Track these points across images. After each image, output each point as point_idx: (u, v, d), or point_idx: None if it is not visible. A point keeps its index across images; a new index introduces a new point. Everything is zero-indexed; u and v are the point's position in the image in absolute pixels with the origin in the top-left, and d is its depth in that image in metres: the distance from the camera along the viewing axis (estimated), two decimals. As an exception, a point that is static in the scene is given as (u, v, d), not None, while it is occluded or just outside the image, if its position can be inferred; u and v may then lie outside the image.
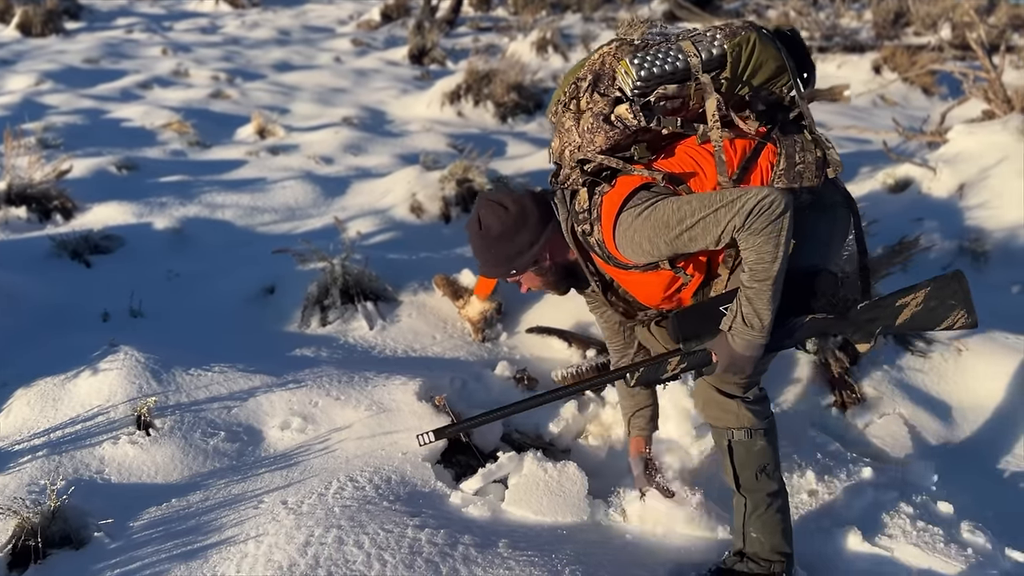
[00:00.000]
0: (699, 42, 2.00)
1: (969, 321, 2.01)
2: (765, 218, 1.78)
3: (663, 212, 1.88)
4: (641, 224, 1.91)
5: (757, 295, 1.85)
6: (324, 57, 11.30)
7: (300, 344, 3.48)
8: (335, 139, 6.93)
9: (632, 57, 1.97)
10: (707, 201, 1.84)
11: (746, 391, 2.17)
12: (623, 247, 1.97)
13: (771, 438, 2.21)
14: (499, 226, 2.10)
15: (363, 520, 2.29)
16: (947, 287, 2.01)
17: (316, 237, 4.36)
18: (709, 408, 2.21)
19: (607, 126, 1.98)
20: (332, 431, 2.81)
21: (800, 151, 2.01)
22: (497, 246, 2.12)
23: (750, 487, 2.20)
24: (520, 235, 2.10)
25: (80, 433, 2.68)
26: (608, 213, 1.97)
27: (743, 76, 1.99)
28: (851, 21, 13.95)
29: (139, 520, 2.37)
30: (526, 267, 2.14)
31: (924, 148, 6.05)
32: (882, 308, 2.04)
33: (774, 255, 1.81)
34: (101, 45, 11.32)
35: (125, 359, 3.02)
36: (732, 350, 1.93)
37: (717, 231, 1.83)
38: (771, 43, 2.01)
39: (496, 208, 2.11)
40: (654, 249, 1.92)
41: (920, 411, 3.13)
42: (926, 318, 2.02)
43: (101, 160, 5.92)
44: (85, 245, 4.33)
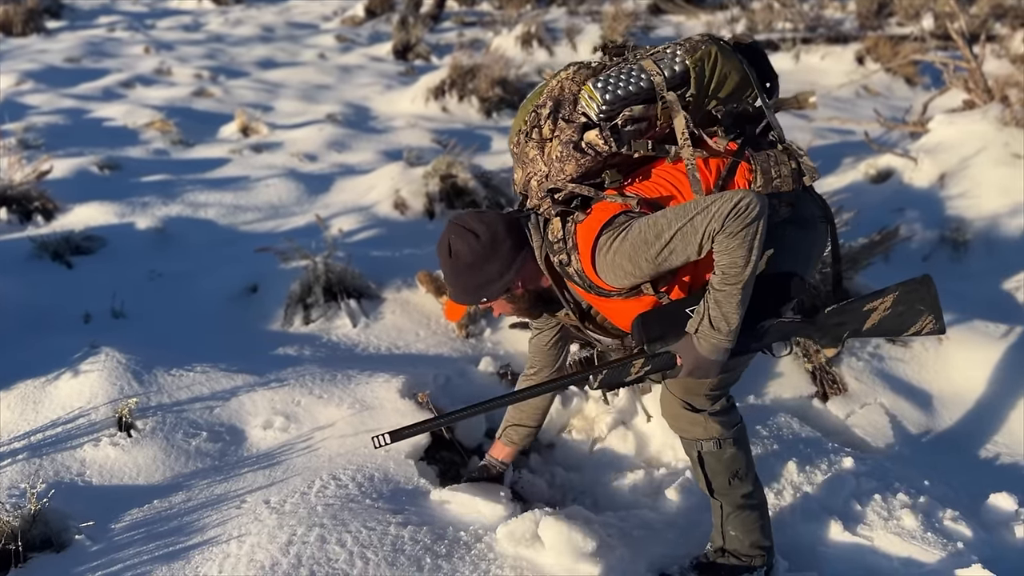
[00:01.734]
0: (660, 60, 1.98)
1: (936, 327, 2.02)
2: (740, 221, 1.75)
3: (640, 230, 1.84)
4: (619, 246, 1.86)
5: (726, 298, 1.82)
6: (308, 54, 11.24)
7: (283, 343, 3.47)
8: (319, 136, 6.90)
9: (595, 81, 1.95)
10: (682, 211, 1.81)
11: (713, 403, 2.15)
12: (604, 273, 1.91)
13: (741, 444, 2.20)
14: (469, 255, 2.00)
15: (346, 518, 2.29)
16: (915, 292, 2.02)
17: (299, 235, 4.34)
18: (676, 421, 2.20)
19: (578, 154, 1.93)
20: (315, 430, 2.81)
21: (775, 164, 1.98)
22: (467, 275, 2.03)
23: (724, 492, 2.21)
24: (491, 264, 2.01)
25: (61, 435, 2.67)
26: (585, 241, 1.92)
27: (708, 91, 1.97)
28: (835, 12, 13.97)
29: (121, 522, 2.36)
30: (497, 295, 2.06)
31: (906, 138, 6.08)
32: (850, 313, 2.05)
33: (747, 259, 1.78)
34: (83, 44, 11.22)
35: (106, 360, 3.00)
36: (697, 353, 1.90)
37: (696, 240, 1.79)
38: (732, 55, 1.99)
39: (467, 235, 2.00)
40: (636, 269, 1.87)
41: (901, 400, 3.15)
42: (894, 323, 2.04)
43: (83, 160, 5.88)
44: (66, 246, 4.30)
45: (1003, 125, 5.02)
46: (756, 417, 2.93)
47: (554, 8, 15.25)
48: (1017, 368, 3.23)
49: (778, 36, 11.71)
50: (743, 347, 1.96)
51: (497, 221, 2.03)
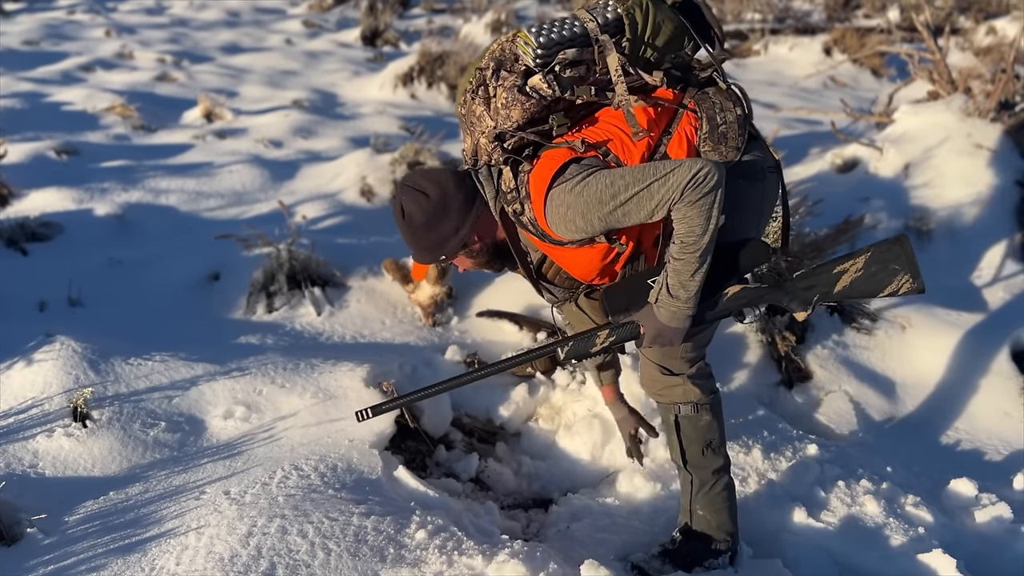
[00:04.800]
0: (593, 9, 1.96)
1: (915, 286, 1.96)
2: (699, 191, 1.77)
3: (596, 187, 1.84)
4: (574, 200, 1.86)
5: (685, 266, 1.83)
6: (275, 39, 11.07)
7: (245, 331, 3.41)
8: (285, 122, 6.79)
9: (530, 28, 1.94)
10: (640, 175, 1.82)
11: (692, 366, 2.17)
12: (555, 224, 1.92)
13: (717, 413, 2.23)
14: (422, 215, 2.00)
15: (307, 509, 2.25)
16: (889, 252, 1.97)
17: (263, 222, 4.27)
18: (655, 385, 2.22)
19: (523, 97, 1.93)
20: (277, 419, 2.76)
21: (720, 111, 1.99)
22: (423, 235, 2.03)
23: (696, 463, 2.22)
24: (445, 222, 2.01)
25: (13, 426, 2.59)
26: (538, 191, 1.92)
27: (643, 37, 1.95)
28: (803, 3, 14.06)
29: (75, 514, 2.30)
30: (455, 251, 2.07)
31: (872, 128, 6.13)
32: (819, 275, 2.02)
33: (704, 227, 1.79)
34: (41, 27, 10.94)
35: (61, 349, 2.92)
36: (658, 322, 1.92)
37: (651, 205, 1.81)
38: (665, 6, 1.99)
39: (417, 196, 2.00)
40: (588, 225, 1.88)
41: (865, 388, 3.17)
42: (867, 284, 1.98)
43: (39, 145, 5.73)
44: (21, 232, 4.18)
45: (966, 116, 5.07)
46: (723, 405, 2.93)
47: (524, -5, 15.17)
48: (977, 355, 3.27)
49: (747, 27, 11.77)
50: (713, 315, 1.97)
51: (446, 178, 2.03)
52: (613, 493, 2.55)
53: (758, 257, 1.99)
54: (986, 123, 4.95)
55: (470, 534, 2.24)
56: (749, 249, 1.98)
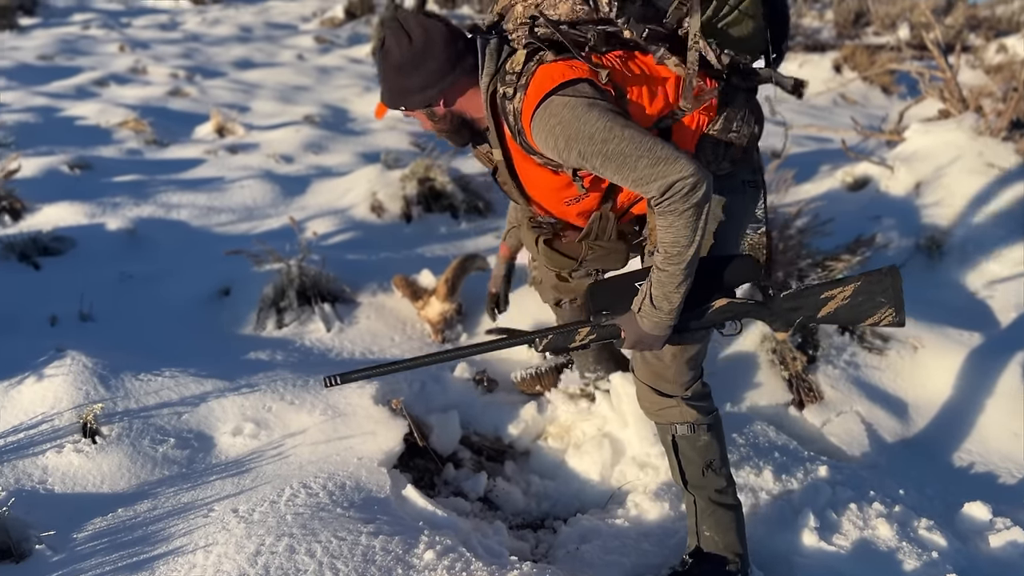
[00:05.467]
0: None
1: (896, 320, 1.99)
2: (685, 200, 1.73)
3: (593, 121, 1.75)
4: (568, 119, 1.76)
5: (669, 278, 1.81)
6: (286, 54, 11.15)
7: (255, 347, 3.41)
8: (296, 137, 6.83)
9: None
10: (638, 142, 1.74)
11: (686, 388, 2.16)
12: (537, 130, 1.82)
13: (716, 433, 2.20)
14: (397, 57, 1.90)
15: (316, 528, 2.25)
16: (879, 283, 1.98)
17: (274, 237, 4.28)
18: (651, 406, 2.21)
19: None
20: (286, 436, 2.76)
21: (739, 121, 1.97)
22: (392, 77, 1.94)
23: (697, 483, 2.20)
24: (415, 73, 1.91)
25: (23, 442, 2.60)
26: (539, 87, 1.81)
27: (722, 18, 1.87)
28: (813, 21, 14.10)
29: (83, 531, 2.30)
30: (416, 107, 1.97)
31: (883, 147, 6.12)
32: (806, 298, 2.03)
33: (690, 239, 1.76)
34: (56, 41, 11.04)
35: (72, 364, 2.93)
36: (638, 329, 1.91)
37: (629, 174, 1.76)
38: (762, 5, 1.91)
39: (400, 36, 1.89)
40: (565, 150, 1.80)
41: (877, 408, 3.15)
42: (851, 313, 2.00)
43: (53, 159, 5.77)
44: (34, 247, 4.20)
45: (977, 135, 5.06)
46: (732, 425, 2.92)
47: (534, 12, 15.25)
48: (990, 376, 3.25)
49: (757, 44, 11.78)
50: (694, 323, 1.98)
51: (439, 30, 1.91)
52: (623, 514, 2.53)
53: (747, 273, 2.00)
54: (998, 142, 4.94)
55: (479, 555, 2.23)
56: (739, 264, 1.99)
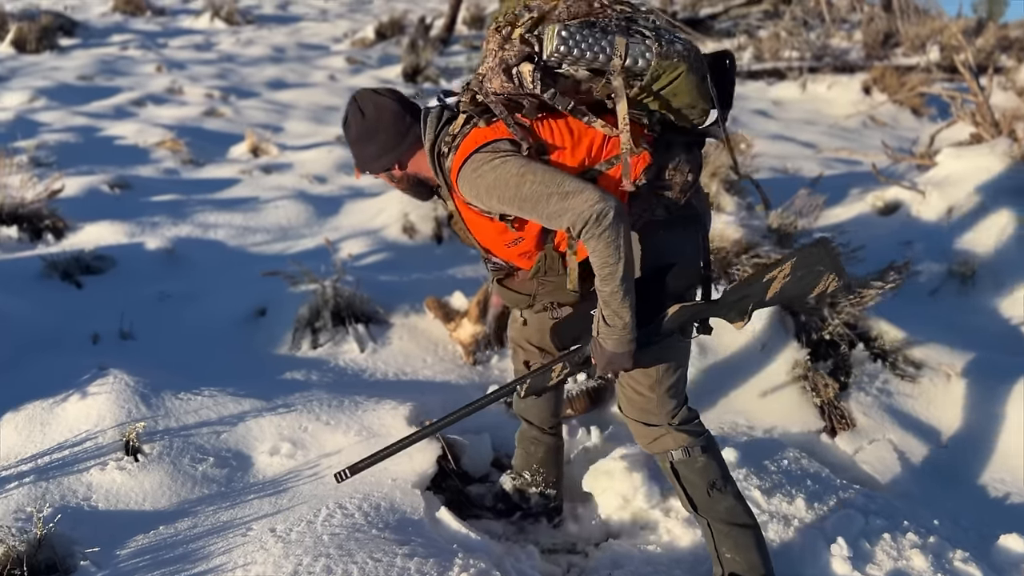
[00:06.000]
0: (634, 44, 1.92)
1: (841, 283, 2.05)
2: (597, 226, 1.86)
3: (508, 170, 1.94)
4: (487, 171, 1.97)
5: (611, 296, 1.93)
6: (318, 75, 11.32)
7: (291, 367, 3.48)
8: (328, 158, 6.94)
9: (563, 28, 1.90)
10: (548, 182, 1.91)
11: (672, 416, 2.21)
12: (462, 184, 2.03)
13: (712, 454, 2.24)
14: (355, 130, 2.18)
15: (352, 548, 2.28)
16: (814, 255, 2.05)
17: (308, 258, 4.36)
18: (645, 439, 2.26)
19: (504, 76, 1.99)
20: (322, 456, 2.80)
21: (671, 169, 2.06)
22: (353, 147, 2.23)
23: (705, 506, 2.23)
24: (370, 145, 2.17)
25: (68, 459, 2.67)
26: (465, 148, 2.02)
27: (651, 93, 1.98)
28: (841, 41, 14.06)
29: (126, 548, 2.35)
30: (377, 172, 2.23)
31: (913, 170, 6.10)
32: (751, 286, 2.11)
33: (616, 257, 1.89)
34: (95, 62, 11.31)
35: (114, 383, 3.00)
36: (604, 350, 2.01)
37: (544, 211, 1.92)
38: (701, 82, 1.98)
39: (356, 114, 2.17)
40: (488, 199, 2.00)
41: (910, 437, 3.14)
42: (796, 288, 2.07)
43: (93, 179, 5.91)
44: (76, 266, 4.31)
45: (1010, 160, 5.03)
46: (764, 452, 2.93)
47: (562, 33, 15.36)
48: (1026, 405, 3.22)
49: (785, 65, 11.79)
50: (656, 336, 2.07)
51: (387, 108, 2.15)
52: (654, 540, 2.55)
53: (690, 278, 2.12)
54: (1032, 167, 4.92)
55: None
56: (679, 272, 2.10)
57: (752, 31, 14.85)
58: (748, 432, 3.14)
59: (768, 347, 3.40)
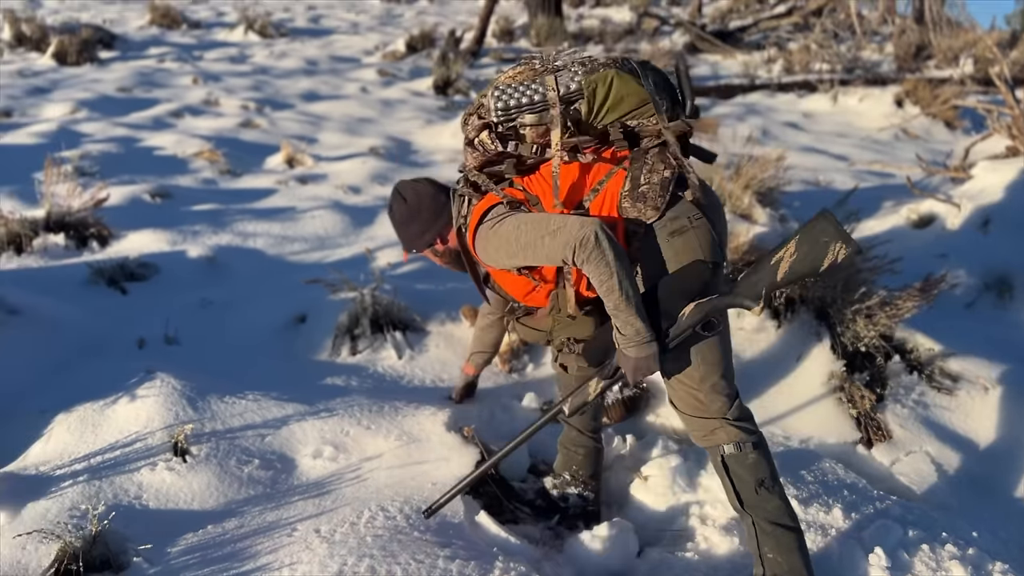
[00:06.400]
0: (561, 75, 2.21)
1: (849, 249, 2.04)
2: (583, 250, 2.01)
3: (505, 229, 2.16)
4: (492, 237, 2.20)
5: (617, 308, 2.06)
6: (351, 87, 11.47)
7: (331, 373, 3.54)
8: (362, 169, 7.04)
9: (494, 90, 2.22)
10: (539, 227, 2.10)
11: (725, 410, 2.25)
12: (481, 254, 2.29)
13: (763, 452, 2.28)
14: (399, 214, 2.55)
15: (395, 550, 2.33)
16: (816, 229, 2.06)
17: (345, 266, 4.43)
18: (698, 432, 2.31)
19: (470, 149, 2.30)
20: (363, 460, 2.86)
21: (647, 172, 2.19)
22: (399, 229, 2.58)
23: (752, 503, 2.25)
24: (414, 224, 2.53)
25: (119, 459, 2.75)
26: (472, 224, 2.28)
27: (600, 108, 2.20)
28: (872, 54, 14.00)
29: (176, 546, 2.42)
30: (422, 249, 2.58)
31: (947, 183, 6.07)
32: (760, 271, 2.13)
33: (609, 272, 2.01)
34: (134, 74, 11.55)
35: (162, 386, 3.09)
36: (629, 358, 2.12)
37: (544, 253, 2.10)
38: (633, 78, 2.21)
39: (398, 199, 2.55)
40: (500, 259, 2.24)
41: (947, 449, 3.13)
42: (806, 264, 2.08)
43: (135, 188, 6.05)
44: (121, 272, 4.42)
45: (1048, 173, 5.01)
46: (800, 462, 2.94)
47: (591, 46, 15.45)
48: (1065, 419, 3.20)
49: (815, 77, 11.76)
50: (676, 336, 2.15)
51: (425, 192, 2.54)
52: (692, 548, 2.57)
53: (700, 276, 2.18)
54: (1069, 181, 4.88)
55: (553, 582, 2.29)
56: (686, 272, 2.17)
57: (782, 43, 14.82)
58: (784, 442, 3.15)
59: (803, 358, 3.41)
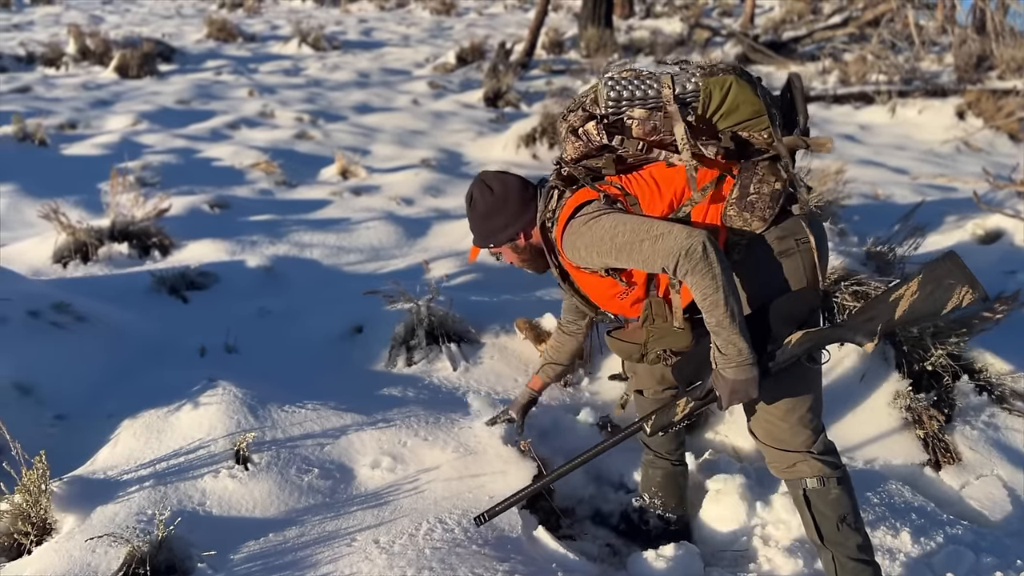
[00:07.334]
0: (678, 75, 2.12)
1: (977, 295, 1.95)
2: (689, 261, 1.93)
3: (601, 226, 2.09)
4: (584, 232, 2.12)
5: (719, 326, 1.96)
6: (402, 99, 11.61)
7: (387, 383, 3.56)
8: (415, 180, 7.10)
9: (608, 80, 2.14)
10: (638, 229, 2.03)
11: (810, 444, 2.19)
12: (567, 250, 2.20)
13: (847, 488, 2.21)
14: (483, 205, 2.40)
15: (453, 563, 2.33)
16: (942, 269, 1.97)
17: (400, 277, 4.45)
18: (780, 464, 2.24)
19: (573, 137, 2.21)
20: (421, 471, 2.87)
21: (757, 182, 2.10)
22: (481, 222, 2.43)
23: (834, 539, 2.20)
24: (499, 216, 2.39)
25: (183, 465, 2.80)
26: (563, 217, 2.21)
27: (714, 112, 2.09)
28: (931, 65, 13.70)
29: (239, 553, 2.45)
30: (502, 243, 2.43)
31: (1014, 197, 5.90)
32: (877, 307, 2.05)
33: (715, 286, 1.93)
34: (192, 87, 11.85)
35: (223, 394, 3.13)
36: (727, 380, 2.02)
37: (640, 257, 2.02)
38: (750, 89, 2.09)
39: (484, 189, 2.40)
40: (589, 257, 2.15)
41: (1019, 474, 3.03)
42: (927, 305, 1.98)
43: (194, 198, 6.19)
44: (182, 281, 4.52)
45: (1122, 187, 4.83)
46: (866, 483, 2.87)
47: (641, 57, 15.39)
48: None
49: (872, 88, 11.55)
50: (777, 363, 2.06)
51: (512, 183, 2.41)
52: (755, 569, 2.52)
53: (808, 301, 2.10)
54: None
55: (613, 601, 2.26)
56: (795, 297, 2.09)
57: (837, 54, 14.59)
58: (849, 463, 3.07)
59: (868, 377, 3.33)
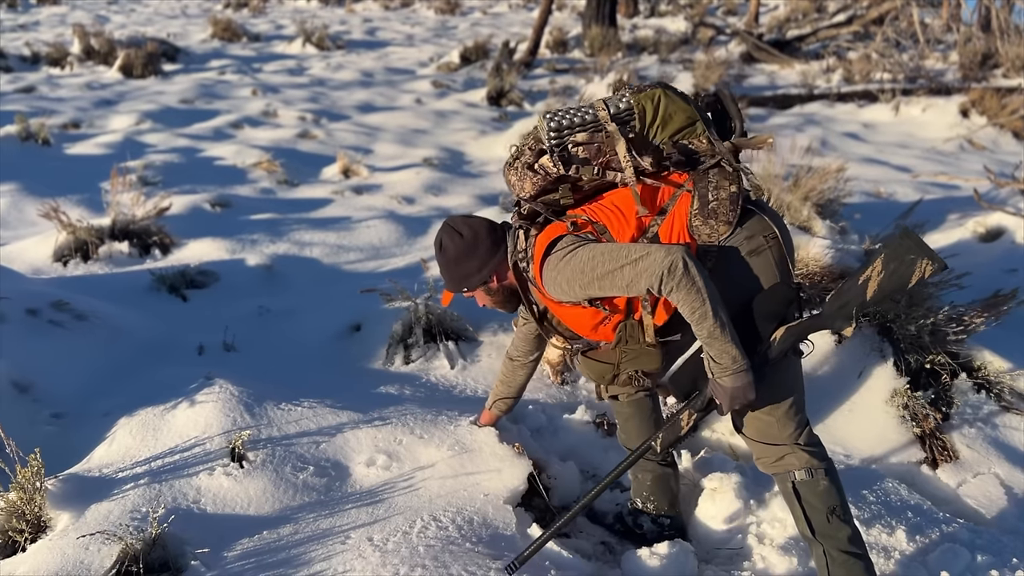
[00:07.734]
0: (609, 99, 2.20)
1: (936, 266, 2.02)
2: (671, 278, 1.97)
3: (579, 260, 2.12)
4: (563, 268, 2.15)
5: (711, 337, 2.01)
6: (405, 98, 11.61)
7: (384, 381, 3.57)
8: (416, 179, 7.10)
9: (546, 114, 2.21)
10: (617, 256, 2.06)
11: (796, 436, 2.21)
12: (548, 286, 2.22)
13: (834, 480, 2.23)
14: (454, 250, 2.40)
15: (447, 561, 2.33)
16: (900, 246, 2.03)
17: (399, 276, 4.46)
18: (768, 458, 2.26)
19: (530, 173, 2.25)
20: (416, 469, 2.87)
21: (714, 189, 2.15)
22: (452, 267, 2.43)
23: (824, 531, 2.20)
24: (470, 261, 2.39)
25: (178, 463, 2.80)
26: (537, 255, 2.24)
27: (652, 126, 2.17)
28: (936, 63, 13.66)
29: (233, 551, 2.45)
30: (475, 287, 2.44)
31: (1016, 195, 5.87)
32: (849, 292, 2.10)
33: (701, 299, 1.97)
34: (196, 86, 11.87)
35: (220, 392, 3.14)
36: (724, 388, 2.06)
37: (623, 282, 2.05)
38: (678, 99, 2.19)
39: (453, 234, 2.40)
40: (571, 291, 2.16)
41: (1017, 471, 3.02)
42: (894, 281, 2.05)
43: (196, 197, 6.21)
44: (182, 280, 4.53)
45: (1125, 185, 4.81)
46: (862, 481, 2.86)
47: (645, 56, 15.37)
48: None
49: (876, 87, 11.51)
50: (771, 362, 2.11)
51: (481, 226, 2.42)
52: (749, 567, 2.51)
53: (785, 296, 2.15)
54: None
55: (606, 598, 2.26)
56: (772, 294, 2.14)
57: (841, 53, 14.55)
58: (845, 460, 3.07)
59: (864, 375, 3.32)
